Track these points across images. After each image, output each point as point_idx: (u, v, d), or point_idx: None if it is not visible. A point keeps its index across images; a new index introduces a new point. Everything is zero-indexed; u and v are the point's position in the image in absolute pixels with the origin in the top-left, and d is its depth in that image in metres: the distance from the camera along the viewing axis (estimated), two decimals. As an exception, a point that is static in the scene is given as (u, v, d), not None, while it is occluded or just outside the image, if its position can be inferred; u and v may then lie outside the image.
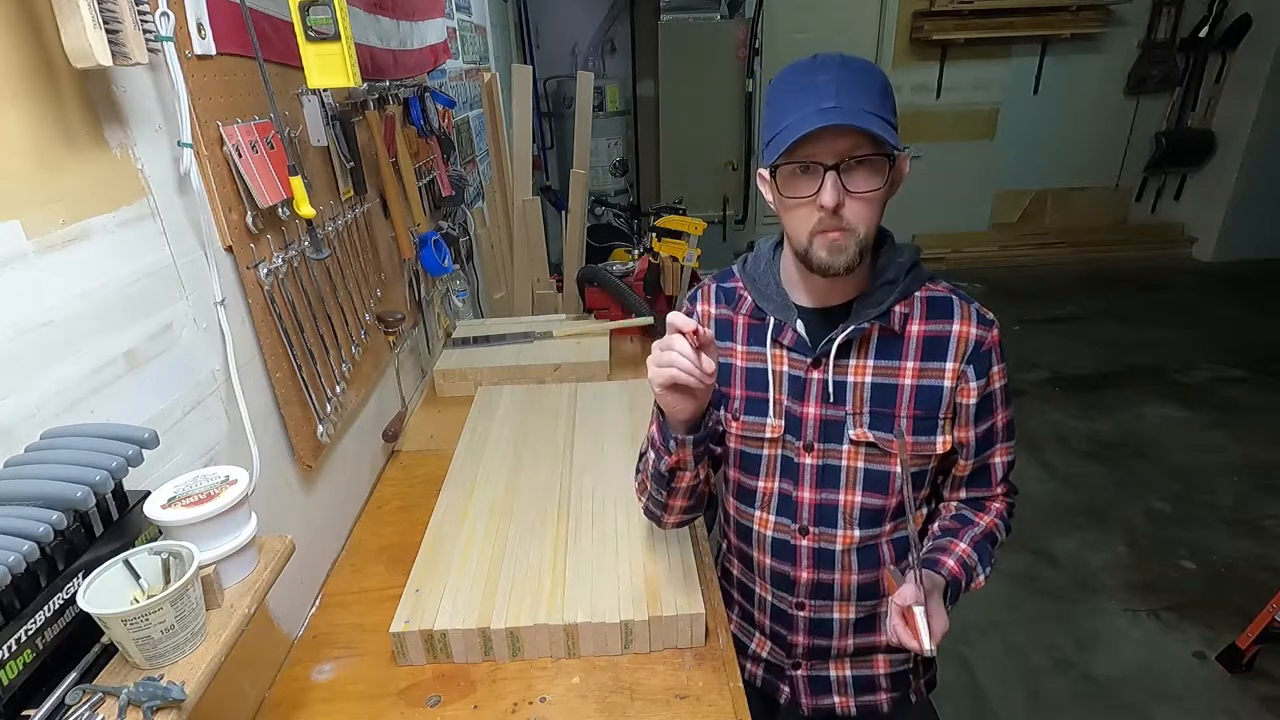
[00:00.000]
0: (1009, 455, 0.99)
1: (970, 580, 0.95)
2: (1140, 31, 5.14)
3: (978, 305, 0.95)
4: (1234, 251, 5.25)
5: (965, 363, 0.92)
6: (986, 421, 0.95)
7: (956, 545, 0.96)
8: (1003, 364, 0.95)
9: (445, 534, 1.20)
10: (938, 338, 0.92)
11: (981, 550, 0.96)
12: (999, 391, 0.95)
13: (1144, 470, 2.96)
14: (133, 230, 0.81)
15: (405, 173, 1.69)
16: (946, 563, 0.94)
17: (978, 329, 0.92)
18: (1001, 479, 1.00)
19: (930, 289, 0.94)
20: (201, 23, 0.91)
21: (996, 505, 1.01)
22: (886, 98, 0.83)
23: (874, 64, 0.86)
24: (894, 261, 0.93)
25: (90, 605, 0.61)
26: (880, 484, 0.96)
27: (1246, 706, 1.94)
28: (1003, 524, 1.01)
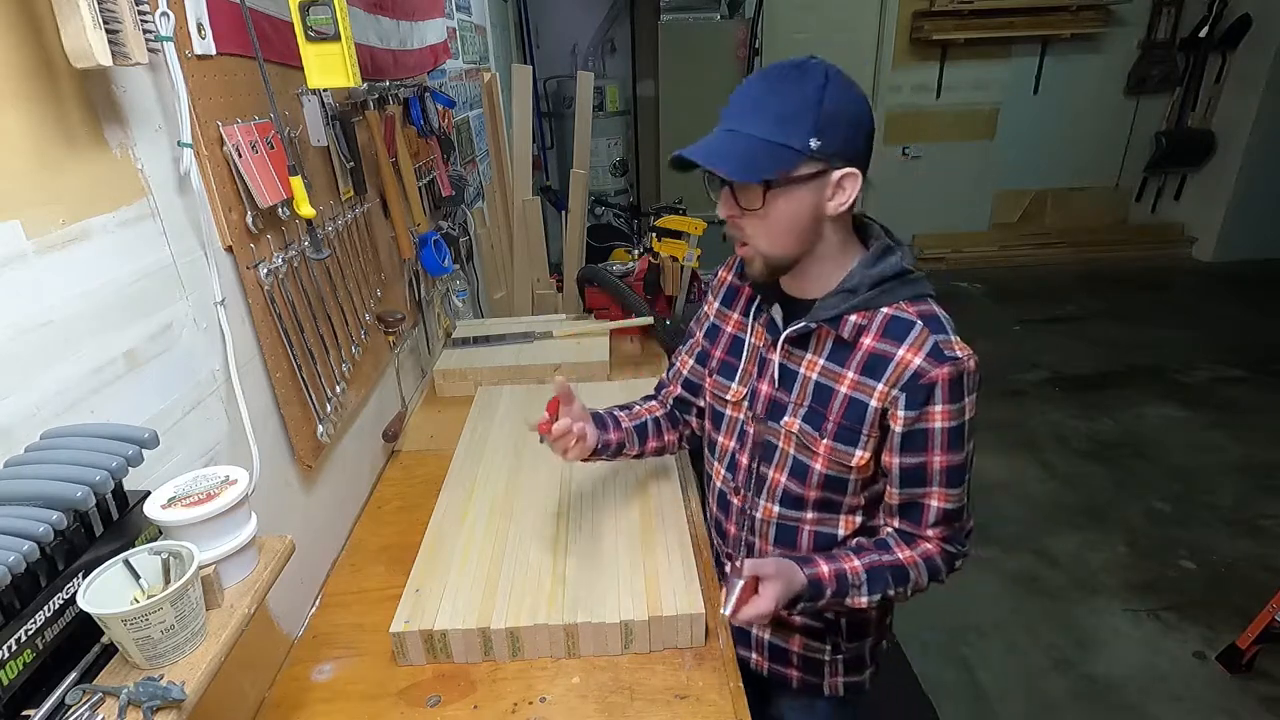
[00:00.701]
0: (949, 503, 0.94)
1: (843, 594, 0.94)
2: (1140, 31, 5.14)
3: (945, 339, 0.89)
4: (1234, 251, 5.25)
5: (898, 389, 0.89)
6: (916, 457, 0.92)
7: (848, 559, 0.95)
8: (953, 405, 0.89)
9: (445, 534, 1.20)
10: (881, 357, 0.90)
11: (876, 576, 0.95)
12: (940, 432, 0.90)
13: (1144, 470, 2.97)
14: (133, 230, 0.81)
15: (405, 173, 1.69)
16: (819, 565, 0.94)
17: (924, 360, 0.88)
18: (934, 523, 0.95)
19: (902, 309, 0.91)
20: (201, 23, 0.91)
21: (927, 547, 0.96)
22: (804, 120, 0.83)
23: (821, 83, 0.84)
24: (862, 273, 0.92)
25: (90, 605, 0.61)
26: (802, 473, 0.99)
27: (1246, 706, 1.94)
28: (925, 567, 0.96)
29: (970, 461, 0.95)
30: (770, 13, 4.89)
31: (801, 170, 0.85)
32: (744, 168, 0.84)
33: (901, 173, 5.53)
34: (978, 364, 0.90)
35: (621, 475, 1.33)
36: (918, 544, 0.97)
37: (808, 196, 0.87)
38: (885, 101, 5.33)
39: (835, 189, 0.87)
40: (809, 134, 0.83)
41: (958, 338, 0.90)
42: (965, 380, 0.89)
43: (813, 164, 0.84)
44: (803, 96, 0.83)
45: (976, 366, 0.90)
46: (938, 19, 5.00)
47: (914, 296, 0.92)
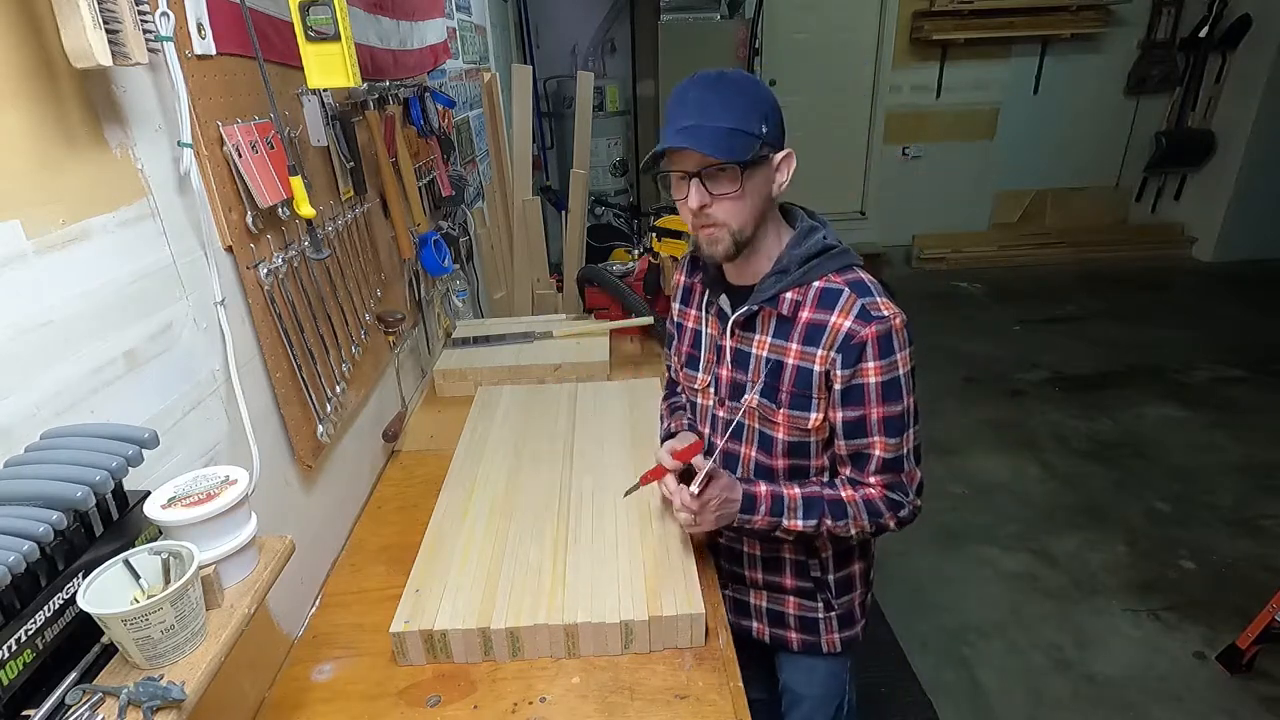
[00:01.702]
0: (889, 452, 1.02)
1: (778, 514, 1.04)
2: (1140, 31, 5.13)
3: (871, 301, 0.98)
4: (1234, 251, 5.24)
5: (835, 350, 0.98)
6: (856, 410, 1.01)
7: (789, 487, 1.06)
8: (883, 360, 0.98)
9: (445, 534, 1.19)
10: (818, 326, 1.00)
11: (813, 504, 1.04)
12: (874, 386, 0.99)
13: (1144, 470, 2.96)
14: (133, 230, 0.81)
15: (405, 173, 1.69)
16: (759, 485, 1.05)
17: (853, 323, 0.97)
18: (877, 470, 1.04)
19: (830, 280, 1.01)
20: (201, 23, 0.91)
21: (870, 491, 1.05)
22: (753, 111, 0.94)
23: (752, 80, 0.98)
24: (790, 254, 1.02)
25: (90, 605, 0.61)
26: (768, 445, 1.09)
27: (1246, 706, 1.94)
28: (865, 507, 1.05)
29: (910, 414, 1.03)
30: (770, 13, 4.89)
31: (762, 152, 0.95)
32: (728, 151, 0.93)
33: (901, 173, 5.53)
34: (904, 321, 0.99)
35: (621, 475, 1.33)
36: (861, 488, 1.05)
37: (764, 179, 0.98)
38: (885, 101, 5.33)
39: (777, 170, 1.00)
40: (759, 122, 0.94)
41: (884, 299, 0.99)
42: (894, 337, 0.98)
43: (765, 148, 0.96)
44: (743, 89, 0.95)
45: (904, 324, 0.99)
46: (938, 19, 4.99)
47: (841, 268, 1.02)
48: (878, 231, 5.62)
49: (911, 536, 2.47)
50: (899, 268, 5.59)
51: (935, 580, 2.42)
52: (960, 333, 4.35)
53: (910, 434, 1.04)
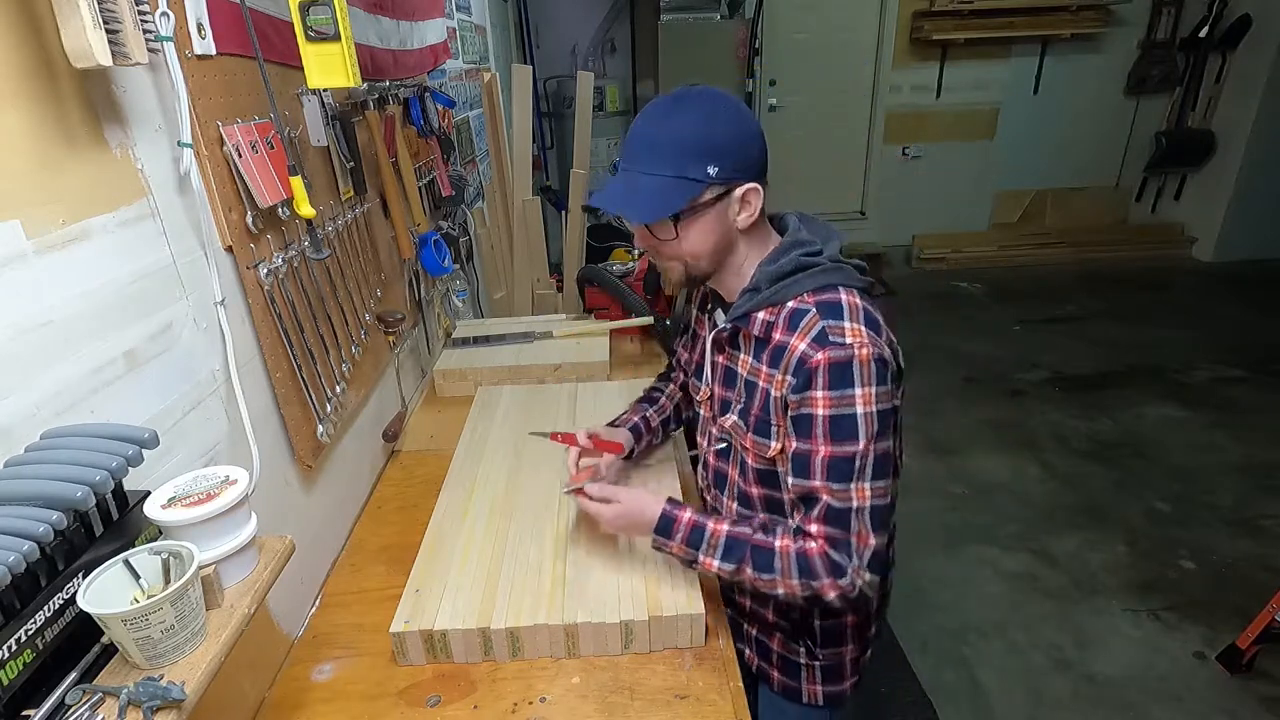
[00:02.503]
0: (836, 501, 0.89)
1: (695, 546, 0.96)
2: (1140, 31, 5.13)
3: (835, 325, 0.88)
4: (1234, 251, 5.24)
5: (790, 374, 0.90)
6: (803, 443, 0.90)
7: (718, 521, 0.97)
8: (834, 392, 0.87)
9: (445, 534, 1.19)
10: (781, 348, 0.92)
11: (735, 546, 0.94)
12: (821, 420, 0.88)
13: (1144, 470, 2.96)
14: (133, 230, 0.81)
15: (405, 173, 1.69)
16: (684, 510, 0.99)
17: (807, 346, 0.88)
18: (821, 519, 0.90)
19: (802, 301, 0.92)
20: (201, 23, 0.91)
21: (809, 545, 0.91)
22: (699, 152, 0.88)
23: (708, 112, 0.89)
24: (762, 271, 0.96)
25: (90, 605, 0.61)
26: (743, 469, 1.03)
27: (1246, 706, 1.94)
28: (796, 563, 0.91)
29: (868, 463, 0.88)
30: (770, 13, 4.89)
31: (706, 196, 0.90)
32: (650, 208, 0.90)
33: (901, 173, 5.53)
34: (877, 355, 0.86)
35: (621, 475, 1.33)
36: (802, 540, 0.92)
37: (715, 218, 0.92)
38: (885, 101, 5.33)
39: (741, 204, 0.93)
40: (705, 163, 0.88)
41: (856, 325, 0.88)
42: (854, 369, 0.86)
43: (715, 188, 0.90)
44: (692, 129, 0.89)
45: (874, 357, 0.86)
46: (938, 19, 4.99)
47: (820, 287, 0.93)
48: (878, 231, 5.62)
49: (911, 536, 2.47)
50: (899, 268, 5.59)
51: (935, 580, 2.42)
52: (960, 333, 4.35)
53: (864, 488, 0.88)
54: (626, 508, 1.02)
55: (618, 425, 1.27)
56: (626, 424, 1.27)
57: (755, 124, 0.93)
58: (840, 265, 0.95)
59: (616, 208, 0.93)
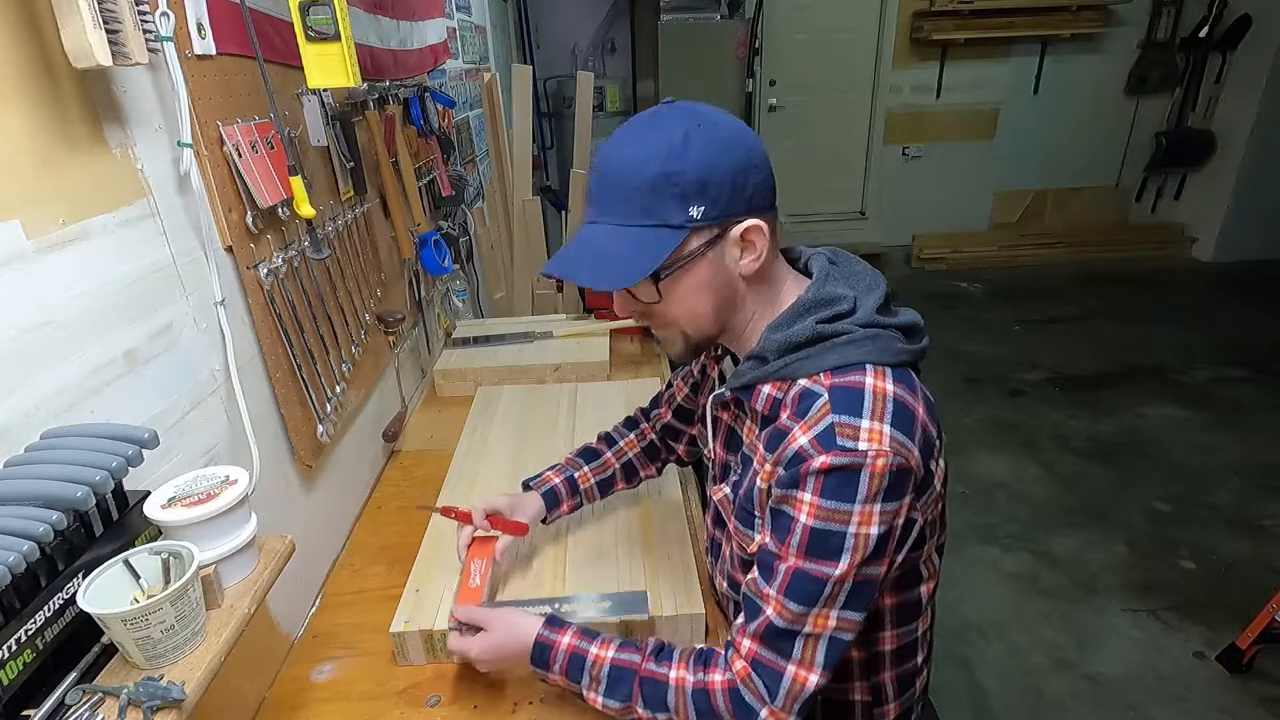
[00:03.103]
0: (781, 619, 0.71)
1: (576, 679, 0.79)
2: (1140, 31, 5.13)
3: (848, 423, 0.69)
4: (1234, 251, 5.24)
5: (781, 466, 0.72)
6: (773, 542, 0.73)
7: (606, 645, 0.80)
8: (826, 502, 0.69)
9: (445, 534, 1.19)
10: (781, 433, 0.74)
11: (621, 678, 0.77)
12: (801, 527, 0.70)
13: (1144, 470, 2.96)
14: (133, 230, 0.81)
15: (405, 173, 1.69)
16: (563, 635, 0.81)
17: (808, 442, 0.70)
18: (754, 634, 0.73)
19: (817, 381, 0.73)
20: (201, 23, 0.91)
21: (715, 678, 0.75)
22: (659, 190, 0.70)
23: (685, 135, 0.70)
24: (769, 340, 0.77)
25: (90, 605, 0.61)
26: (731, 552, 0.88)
27: (1246, 706, 1.94)
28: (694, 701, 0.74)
29: (843, 590, 0.70)
30: (770, 13, 4.89)
31: (692, 245, 0.72)
32: (620, 272, 0.72)
33: (901, 173, 5.53)
34: (894, 465, 0.68)
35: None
36: (709, 669, 0.76)
37: (709, 268, 0.75)
38: (885, 101, 5.33)
39: (743, 246, 0.75)
40: (686, 204, 0.70)
41: (880, 425, 0.69)
42: (861, 481, 0.68)
43: (703, 233, 0.73)
44: (663, 163, 0.69)
45: (888, 468, 0.68)
46: (938, 19, 4.99)
47: (845, 365, 0.73)
48: (878, 231, 5.62)
49: (911, 536, 2.46)
50: (899, 268, 5.59)
51: (935, 580, 2.42)
52: (960, 333, 4.35)
53: (829, 615, 0.70)
54: (496, 637, 0.84)
55: (531, 486, 1.11)
56: (542, 486, 1.09)
57: (749, 144, 0.73)
58: (876, 334, 0.74)
59: (578, 277, 0.74)
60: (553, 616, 0.85)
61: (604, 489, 1.16)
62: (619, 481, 1.17)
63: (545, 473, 1.14)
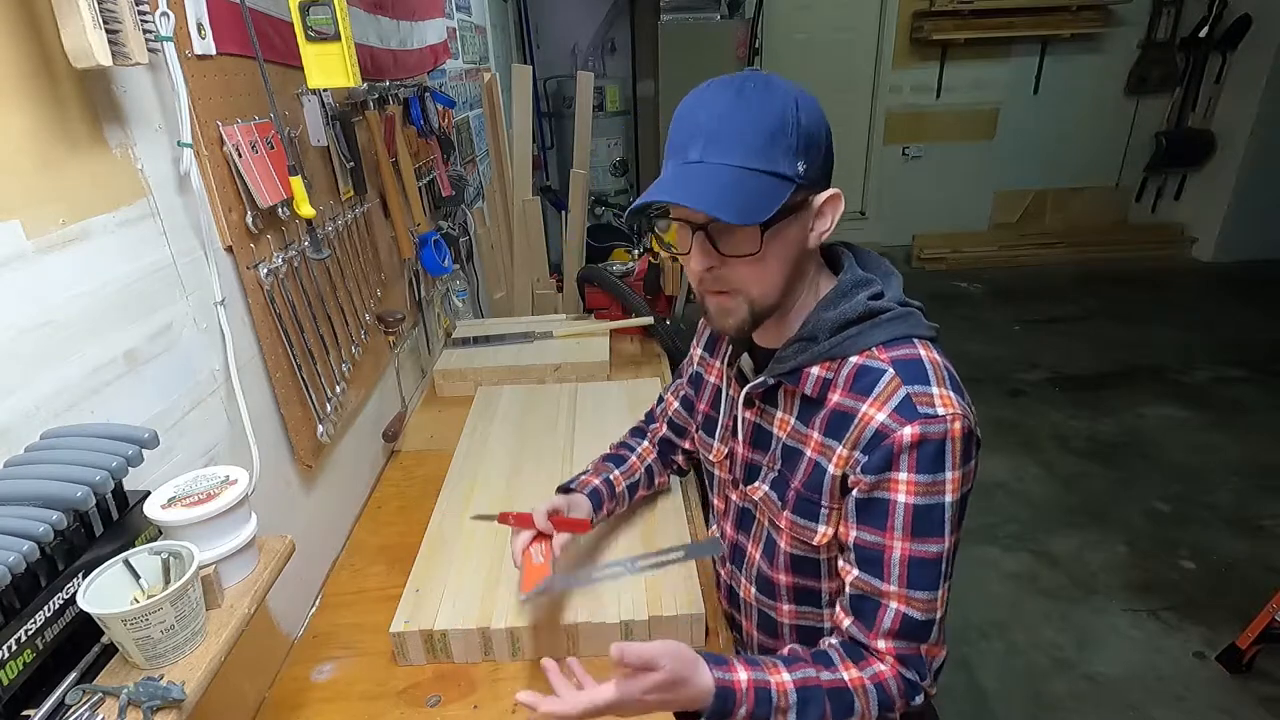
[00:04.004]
0: (915, 611, 0.73)
1: (767, 716, 0.72)
2: (1140, 31, 5.13)
3: (923, 392, 0.72)
4: (1234, 251, 5.24)
5: (860, 450, 0.73)
6: (873, 534, 0.74)
7: (776, 670, 0.74)
8: (922, 476, 0.71)
9: (445, 534, 1.19)
10: (845, 414, 0.75)
11: (810, 698, 0.73)
12: (903, 508, 0.71)
13: (1144, 470, 2.96)
14: (133, 230, 0.81)
15: (405, 173, 1.69)
16: (735, 671, 0.72)
17: (888, 416, 0.71)
18: (891, 633, 0.74)
19: (872, 356, 0.75)
20: (201, 23, 0.91)
21: (879, 669, 0.75)
22: (788, 142, 0.70)
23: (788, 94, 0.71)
24: (819, 317, 0.78)
25: (90, 605, 0.61)
26: (771, 552, 0.87)
27: (1246, 706, 1.94)
28: (875, 695, 0.74)
29: (947, 563, 0.73)
30: (770, 13, 4.89)
31: (796, 199, 0.72)
32: (742, 208, 0.69)
33: (901, 173, 5.53)
34: (966, 429, 0.71)
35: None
36: (868, 662, 0.76)
37: (796, 230, 0.75)
38: (885, 101, 5.34)
39: (818, 216, 0.76)
40: (795, 158, 0.70)
41: (946, 390, 0.73)
42: (947, 447, 0.70)
43: (802, 191, 0.72)
44: (781, 113, 0.70)
45: (966, 431, 0.71)
46: (938, 19, 4.99)
47: (892, 340, 0.76)
48: (878, 231, 5.62)
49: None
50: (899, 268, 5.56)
51: (935, 580, 2.42)
52: (960, 333, 4.35)
53: (945, 590, 0.75)
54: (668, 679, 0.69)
55: (573, 489, 1.08)
56: (585, 488, 1.07)
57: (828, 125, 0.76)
58: (911, 311, 0.79)
59: (699, 202, 0.69)
60: (708, 654, 0.75)
61: (632, 493, 1.15)
62: (642, 487, 1.17)
63: (581, 476, 1.12)
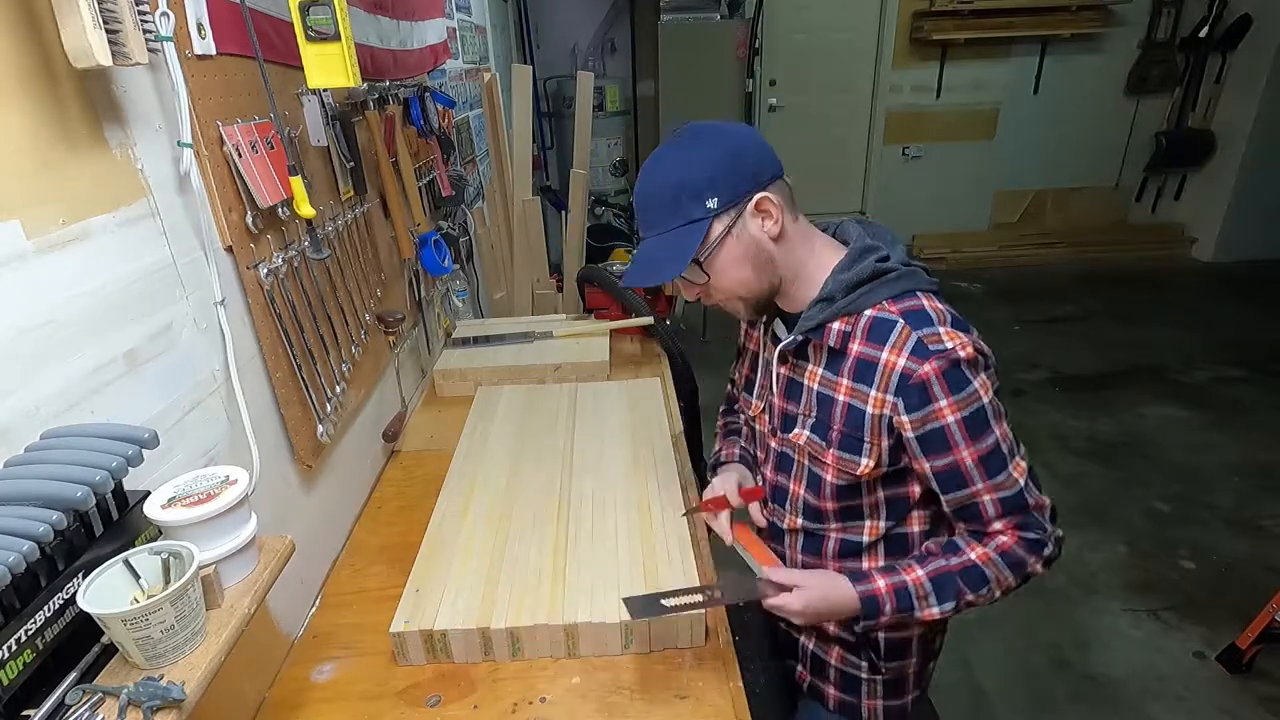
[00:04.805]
0: (1003, 492, 0.89)
1: (908, 608, 0.91)
2: (1140, 31, 5.13)
3: (930, 333, 0.86)
4: (1234, 251, 5.24)
5: (893, 394, 0.87)
6: (943, 458, 0.89)
7: (910, 570, 0.92)
8: (957, 395, 0.85)
9: (445, 534, 1.20)
10: (869, 362, 0.89)
11: (944, 583, 0.91)
12: (954, 425, 0.86)
13: (1144, 470, 2.96)
14: (133, 230, 0.81)
15: (405, 173, 1.69)
16: (874, 581, 0.92)
17: (908, 360, 0.85)
18: (998, 515, 0.91)
19: (885, 309, 0.89)
20: (201, 23, 0.91)
21: (1002, 539, 0.91)
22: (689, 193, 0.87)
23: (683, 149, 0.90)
24: (836, 279, 0.91)
25: (90, 605, 0.61)
26: (816, 485, 0.99)
27: (1246, 706, 1.94)
28: (1004, 562, 0.91)
29: (1008, 442, 0.89)
30: (770, 13, 4.89)
31: (716, 230, 0.89)
32: (668, 265, 0.89)
33: (901, 173, 5.53)
34: (975, 348, 0.86)
35: (622, 475, 1.33)
36: (991, 538, 0.92)
37: (737, 243, 0.90)
38: (885, 101, 5.33)
39: (760, 216, 0.90)
40: (701, 199, 0.87)
41: (949, 328, 0.87)
42: (963, 369, 0.85)
43: (723, 217, 0.88)
44: (677, 175, 0.89)
45: (974, 351, 0.86)
46: (938, 19, 4.99)
47: (898, 294, 0.90)
48: (878, 231, 5.61)
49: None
50: (899, 268, 5.58)
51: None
52: (960, 333, 4.34)
53: (1019, 461, 0.90)
54: (814, 594, 0.92)
55: (724, 461, 1.19)
56: (734, 459, 1.18)
57: (736, 134, 0.91)
58: (913, 269, 0.92)
59: (641, 280, 0.93)
60: (850, 571, 0.96)
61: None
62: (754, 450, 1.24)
63: (721, 453, 1.21)
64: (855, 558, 1.01)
